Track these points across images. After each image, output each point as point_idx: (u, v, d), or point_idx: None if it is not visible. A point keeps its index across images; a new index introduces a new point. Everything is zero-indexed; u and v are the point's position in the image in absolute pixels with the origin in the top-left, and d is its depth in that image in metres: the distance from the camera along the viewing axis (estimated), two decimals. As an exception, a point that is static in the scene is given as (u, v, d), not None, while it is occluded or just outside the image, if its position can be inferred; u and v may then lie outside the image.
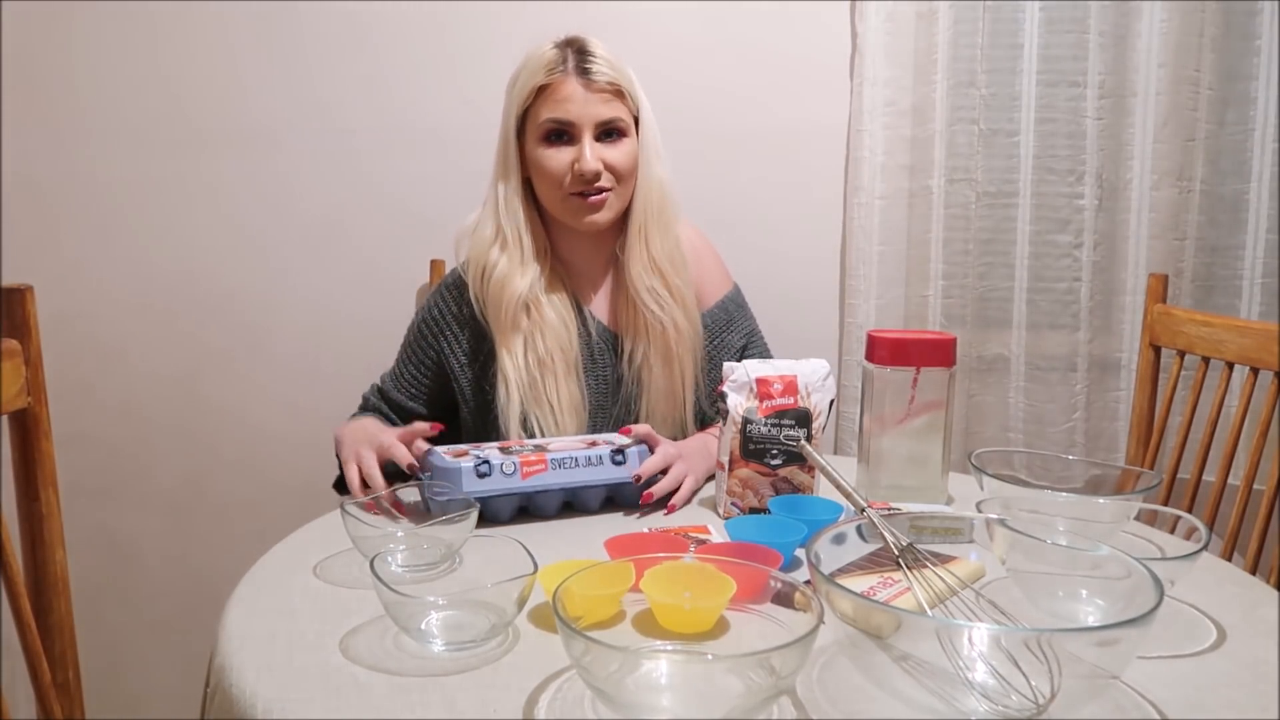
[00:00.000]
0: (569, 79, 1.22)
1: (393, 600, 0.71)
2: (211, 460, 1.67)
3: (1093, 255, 1.69)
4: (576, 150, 1.23)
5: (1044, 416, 1.72)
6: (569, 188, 1.24)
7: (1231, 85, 1.68)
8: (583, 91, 1.22)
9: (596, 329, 1.31)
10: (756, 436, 1.05)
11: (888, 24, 1.64)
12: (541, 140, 1.24)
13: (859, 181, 1.68)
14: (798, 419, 1.05)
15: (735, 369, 1.08)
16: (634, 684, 0.62)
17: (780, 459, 1.05)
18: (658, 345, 1.29)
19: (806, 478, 1.06)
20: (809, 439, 1.05)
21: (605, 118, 1.23)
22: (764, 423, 1.05)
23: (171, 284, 1.63)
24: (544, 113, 1.23)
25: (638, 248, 1.28)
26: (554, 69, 1.22)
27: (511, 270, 1.26)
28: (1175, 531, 0.89)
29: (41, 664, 0.92)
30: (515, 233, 1.27)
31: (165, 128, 1.59)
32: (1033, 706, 0.58)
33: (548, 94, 1.23)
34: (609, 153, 1.24)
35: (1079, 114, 1.66)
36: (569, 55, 1.23)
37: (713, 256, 1.42)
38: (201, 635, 0.91)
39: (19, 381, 0.95)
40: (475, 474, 1.01)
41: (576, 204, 1.25)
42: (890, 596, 0.76)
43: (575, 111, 1.22)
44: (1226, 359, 1.35)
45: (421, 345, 1.32)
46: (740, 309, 1.41)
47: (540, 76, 1.22)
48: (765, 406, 1.05)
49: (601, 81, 1.23)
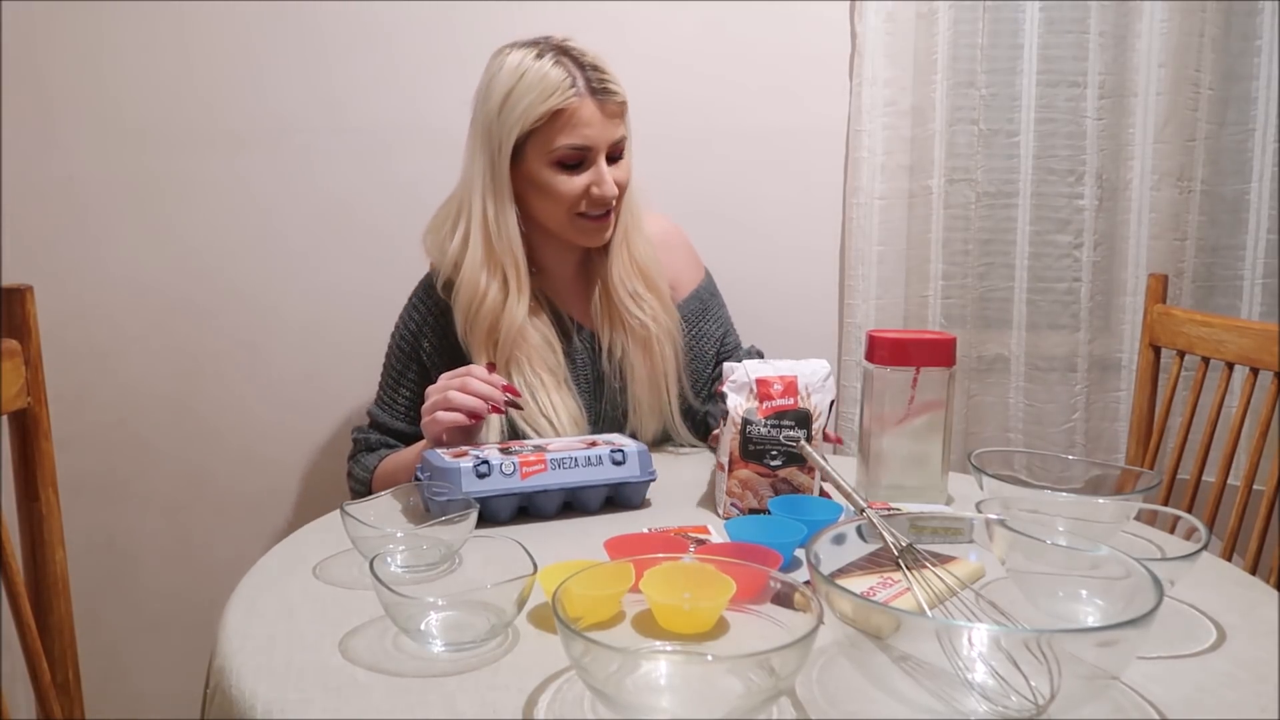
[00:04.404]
0: (586, 102, 1.16)
1: (392, 601, 0.71)
2: (212, 461, 1.67)
3: (1093, 255, 1.69)
4: (592, 174, 1.19)
5: (1044, 416, 1.72)
6: (580, 209, 1.21)
7: (1231, 85, 1.68)
8: (600, 115, 1.17)
9: (577, 332, 1.31)
10: (756, 437, 1.04)
11: (888, 24, 1.64)
12: (553, 164, 1.18)
13: (858, 182, 1.68)
14: (797, 420, 1.04)
15: (735, 369, 1.07)
16: (633, 685, 0.62)
17: (780, 460, 1.04)
18: (636, 337, 1.28)
19: (806, 479, 1.05)
20: (809, 440, 1.04)
21: (618, 138, 1.20)
22: (764, 424, 1.04)
23: (171, 284, 1.62)
24: (560, 138, 1.17)
25: (620, 253, 1.27)
26: (568, 91, 1.15)
27: (509, 302, 1.21)
28: (1175, 531, 0.88)
29: (41, 664, 0.92)
30: (512, 259, 1.21)
31: (165, 128, 1.59)
32: (1032, 707, 0.58)
33: (564, 119, 1.16)
34: (617, 172, 1.22)
35: (1079, 114, 1.66)
36: (579, 75, 1.17)
37: (685, 246, 1.42)
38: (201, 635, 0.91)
39: (19, 382, 0.95)
40: (475, 474, 1.01)
41: (584, 225, 1.23)
42: (890, 597, 0.76)
43: (595, 136, 1.17)
44: (1226, 359, 1.35)
45: (404, 362, 1.30)
46: (713, 297, 1.41)
47: (555, 99, 1.15)
48: (765, 407, 1.04)
49: (616, 102, 1.18)
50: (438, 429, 1.10)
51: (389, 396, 1.31)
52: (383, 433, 1.31)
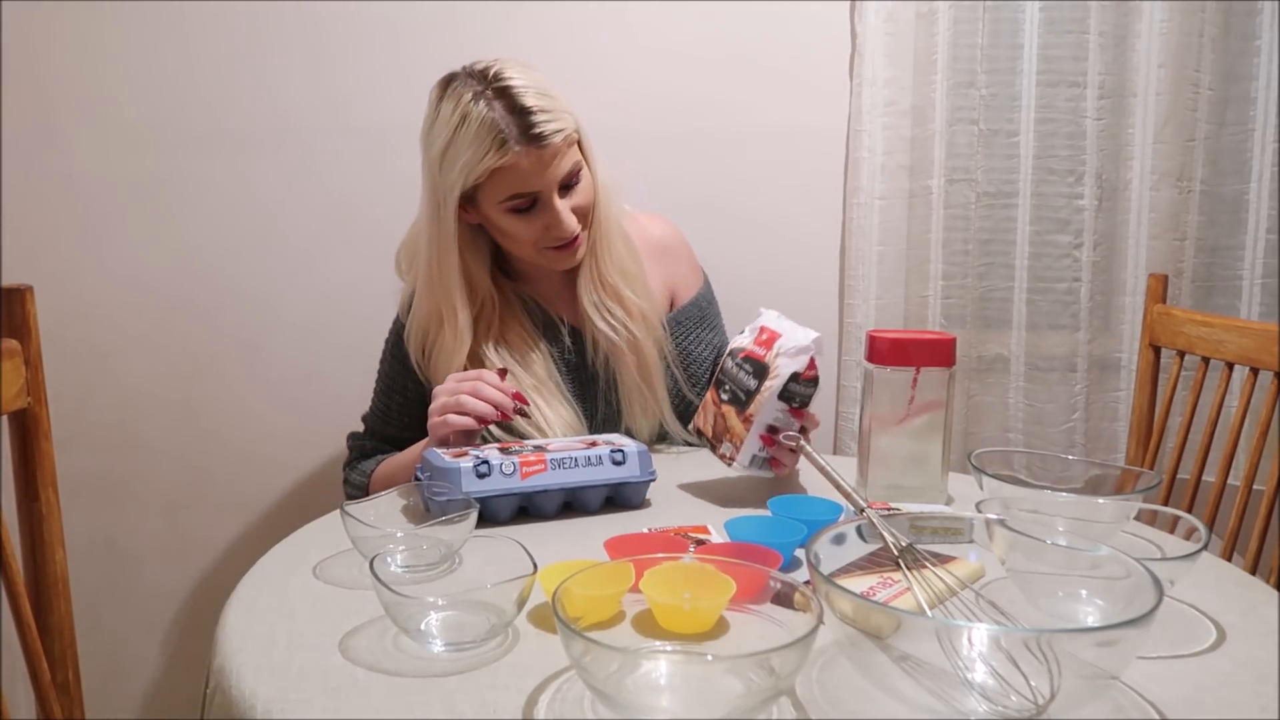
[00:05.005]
0: (526, 153, 1.12)
1: (392, 601, 0.71)
2: (211, 461, 1.67)
3: (1092, 255, 1.69)
4: (548, 215, 1.17)
5: (1044, 416, 1.72)
6: (543, 244, 1.21)
7: (1231, 85, 1.68)
8: (542, 161, 1.13)
9: (568, 332, 1.30)
10: (724, 368, 1.14)
11: (888, 24, 1.64)
12: (506, 211, 1.17)
13: (858, 182, 1.68)
14: (755, 370, 1.10)
15: (762, 313, 1.16)
16: (633, 684, 0.62)
17: (728, 395, 1.12)
18: (617, 348, 1.27)
19: (739, 424, 1.10)
20: (755, 393, 1.08)
21: (565, 173, 1.17)
22: (735, 359, 1.13)
23: (171, 284, 1.62)
24: (502, 191, 1.15)
25: (588, 267, 1.25)
26: (504, 148, 1.12)
27: (457, 347, 1.21)
28: (1175, 531, 0.88)
29: (41, 664, 0.92)
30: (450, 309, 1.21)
31: (165, 128, 1.59)
32: (1032, 707, 0.58)
33: (505, 174, 1.14)
34: (575, 200, 1.20)
35: (1079, 114, 1.66)
36: (513, 125, 1.12)
37: (685, 252, 1.42)
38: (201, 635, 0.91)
39: (19, 382, 0.95)
40: (475, 474, 1.01)
41: (551, 255, 1.23)
42: (890, 597, 0.76)
43: (539, 183, 1.15)
44: (1226, 359, 1.35)
45: (397, 369, 1.30)
46: (711, 304, 1.42)
47: (490, 159, 1.12)
48: (745, 349, 1.12)
49: (556, 143, 1.13)
50: (446, 431, 1.10)
51: (382, 403, 1.31)
52: (378, 440, 1.31)
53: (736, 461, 1.11)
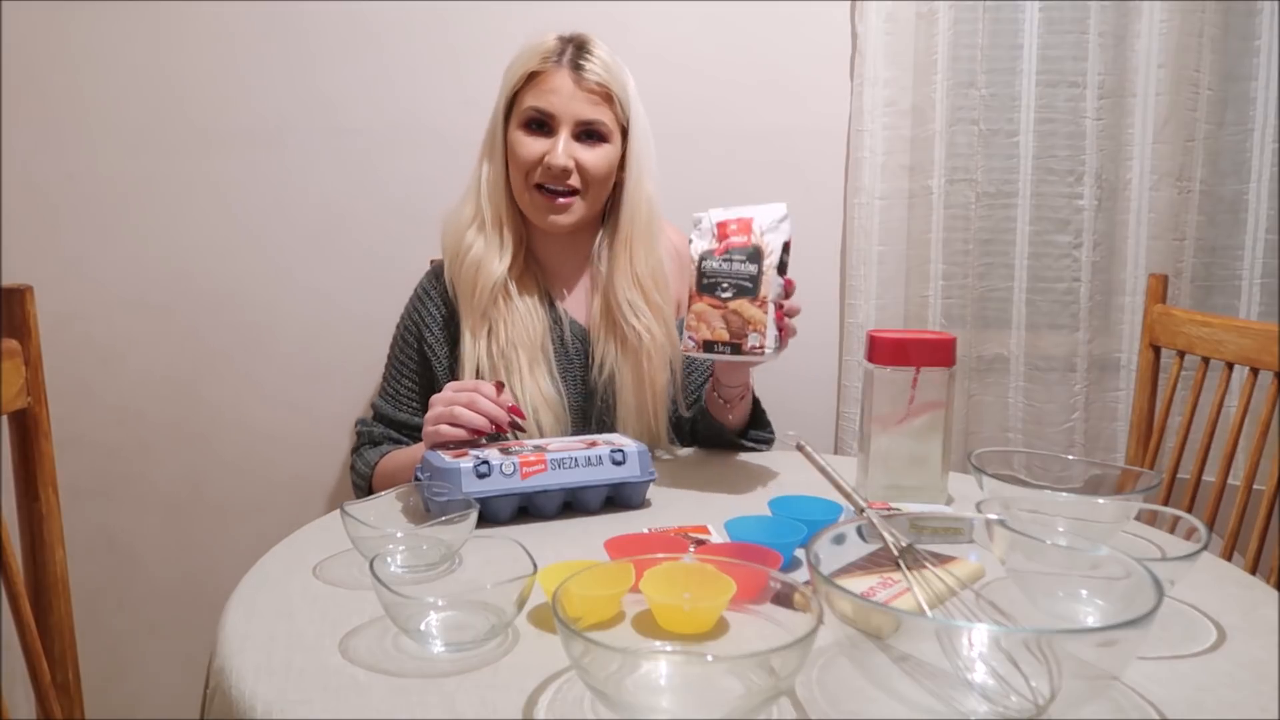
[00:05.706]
0: (559, 70, 1.22)
1: (392, 601, 0.71)
2: (211, 461, 1.67)
3: (1092, 255, 1.69)
4: (551, 143, 1.22)
5: (1043, 416, 1.73)
6: (535, 179, 1.23)
7: (1231, 85, 1.68)
8: (570, 86, 1.21)
9: (571, 326, 1.31)
10: (709, 271, 1.13)
11: (888, 24, 1.64)
12: (521, 126, 1.23)
13: (859, 182, 1.68)
14: (748, 255, 1.11)
15: (701, 218, 1.16)
16: (633, 685, 0.62)
17: (730, 292, 1.12)
18: (628, 347, 1.27)
19: (757, 311, 1.10)
20: (760, 275, 1.10)
21: (587, 118, 1.22)
22: (717, 259, 1.13)
23: (171, 284, 1.62)
24: (528, 99, 1.23)
25: (622, 259, 1.27)
26: (548, 58, 1.22)
27: (489, 254, 1.25)
28: (1175, 531, 0.88)
29: (41, 664, 0.92)
30: (495, 216, 1.26)
31: (165, 128, 1.59)
32: (1032, 707, 0.58)
33: (536, 81, 1.22)
34: (584, 154, 1.23)
35: (1079, 114, 1.66)
36: (567, 49, 1.23)
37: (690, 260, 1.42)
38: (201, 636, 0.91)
39: (19, 382, 0.95)
40: (475, 474, 1.01)
41: (539, 200, 1.24)
42: (890, 597, 0.76)
43: (558, 104, 1.21)
44: (1226, 359, 1.35)
45: (408, 353, 1.31)
46: None
47: (534, 63, 1.22)
48: (721, 246, 1.13)
49: (591, 81, 1.22)
50: (439, 440, 1.11)
51: (392, 387, 1.32)
52: (386, 424, 1.31)
53: (767, 347, 1.11)
